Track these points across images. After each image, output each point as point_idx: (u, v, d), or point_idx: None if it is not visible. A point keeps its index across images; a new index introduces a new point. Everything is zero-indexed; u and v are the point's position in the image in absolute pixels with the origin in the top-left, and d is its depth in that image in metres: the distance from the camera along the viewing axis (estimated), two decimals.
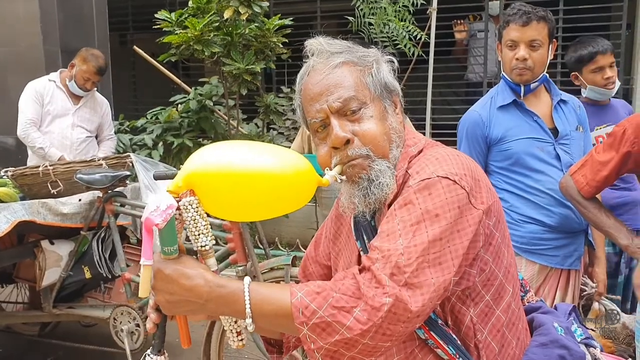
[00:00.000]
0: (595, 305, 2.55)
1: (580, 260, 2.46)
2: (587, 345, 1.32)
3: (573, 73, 3.00)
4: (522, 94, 2.40)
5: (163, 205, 1.08)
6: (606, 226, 2.15)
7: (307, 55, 1.30)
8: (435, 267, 1.08)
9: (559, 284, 2.41)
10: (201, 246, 1.15)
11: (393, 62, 1.33)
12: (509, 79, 2.42)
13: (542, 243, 2.37)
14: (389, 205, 1.20)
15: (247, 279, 1.11)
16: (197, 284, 1.09)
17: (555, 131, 2.41)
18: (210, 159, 1.14)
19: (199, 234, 1.14)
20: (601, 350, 1.34)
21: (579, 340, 1.32)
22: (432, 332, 1.17)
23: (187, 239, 1.17)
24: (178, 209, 1.11)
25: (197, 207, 1.12)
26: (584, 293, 2.54)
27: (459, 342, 1.18)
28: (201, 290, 1.09)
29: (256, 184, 1.11)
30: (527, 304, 1.42)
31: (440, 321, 1.18)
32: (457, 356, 1.17)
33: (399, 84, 1.33)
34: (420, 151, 1.26)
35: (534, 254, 2.37)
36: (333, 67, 1.24)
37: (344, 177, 1.23)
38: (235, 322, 1.18)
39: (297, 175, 1.15)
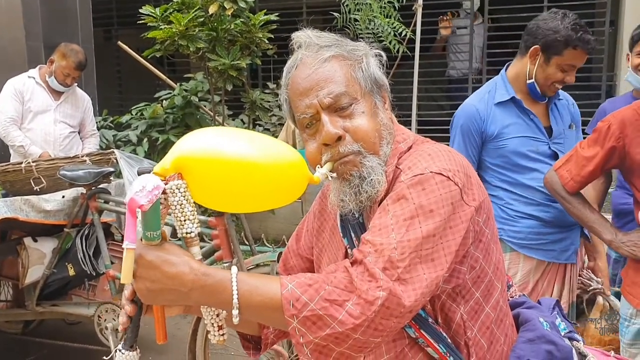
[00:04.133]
0: (600, 300, 2.52)
1: (577, 253, 2.46)
2: (571, 339, 1.33)
3: (628, 53, 2.77)
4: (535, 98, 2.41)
5: (149, 186, 1.02)
6: (590, 221, 2.17)
7: (293, 50, 1.26)
8: (427, 263, 1.07)
9: (556, 278, 2.41)
10: (186, 233, 1.09)
11: (381, 56, 1.29)
12: (534, 85, 2.36)
13: (539, 238, 2.37)
14: (379, 202, 1.18)
15: (234, 268, 1.07)
16: (182, 271, 1.03)
17: (549, 130, 2.40)
18: (203, 143, 1.08)
19: (184, 220, 1.08)
20: (584, 344, 1.35)
21: (562, 334, 1.33)
22: (422, 331, 1.15)
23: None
24: (164, 192, 1.05)
25: (184, 192, 1.06)
26: (590, 288, 2.52)
27: (449, 340, 1.17)
28: (186, 278, 1.03)
29: (247, 173, 1.07)
30: (510, 299, 1.41)
31: (430, 319, 1.17)
32: (448, 354, 1.16)
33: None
34: (410, 147, 1.24)
35: (532, 249, 2.37)
36: (323, 61, 1.20)
37: (334, 175, 1.20)
38: (217, 315, 1.14)
39: (289, 168, 1.11)
